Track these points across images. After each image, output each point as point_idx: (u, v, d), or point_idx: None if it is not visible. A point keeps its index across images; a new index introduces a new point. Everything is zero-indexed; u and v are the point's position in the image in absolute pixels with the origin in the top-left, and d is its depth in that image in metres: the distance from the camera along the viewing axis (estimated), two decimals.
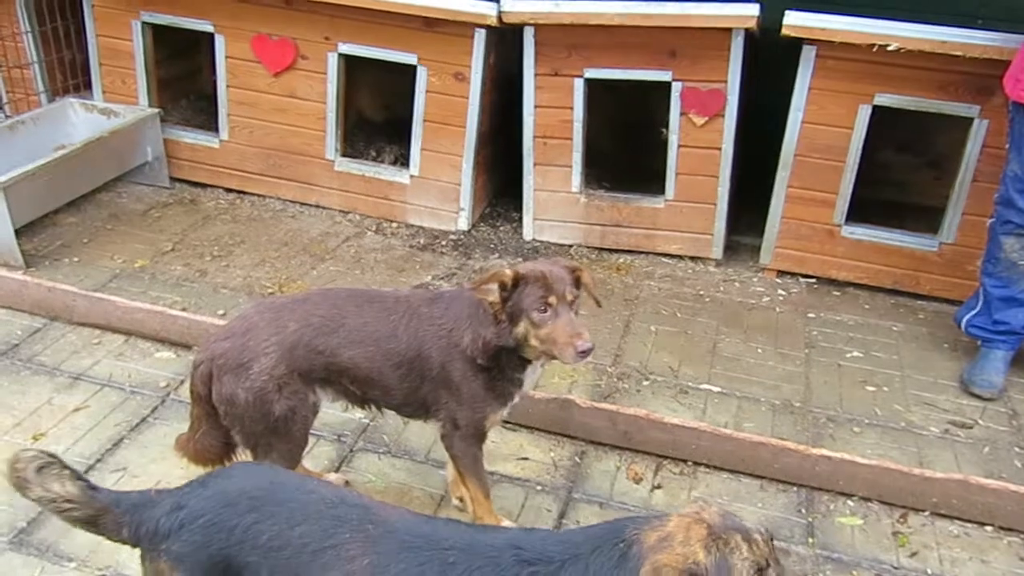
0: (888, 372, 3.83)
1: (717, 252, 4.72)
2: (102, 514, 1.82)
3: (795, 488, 3.10)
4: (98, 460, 3.05)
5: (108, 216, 4.86)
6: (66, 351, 3.66)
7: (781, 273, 4.64)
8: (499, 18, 4.32)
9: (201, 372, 2.47)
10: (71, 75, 5.41)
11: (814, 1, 4.25)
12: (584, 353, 2.30)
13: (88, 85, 5.32)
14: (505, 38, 4.58)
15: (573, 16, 4.25)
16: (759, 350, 3.97)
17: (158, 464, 3.03)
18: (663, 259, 4.77)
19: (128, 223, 4.81)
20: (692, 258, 4.76)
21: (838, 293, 4.52)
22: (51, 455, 1.83)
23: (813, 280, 4.60)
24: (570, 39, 4.39)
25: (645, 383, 3.67)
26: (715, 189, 4.57)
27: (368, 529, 1.70)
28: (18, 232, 4.22)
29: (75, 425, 3.22)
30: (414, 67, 4.65)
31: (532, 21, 4.35)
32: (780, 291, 4.52)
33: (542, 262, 2.44)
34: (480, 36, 4.45)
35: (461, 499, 2.87)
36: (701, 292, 4.46)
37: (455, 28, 4.44)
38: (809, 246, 4.53)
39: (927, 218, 4.57)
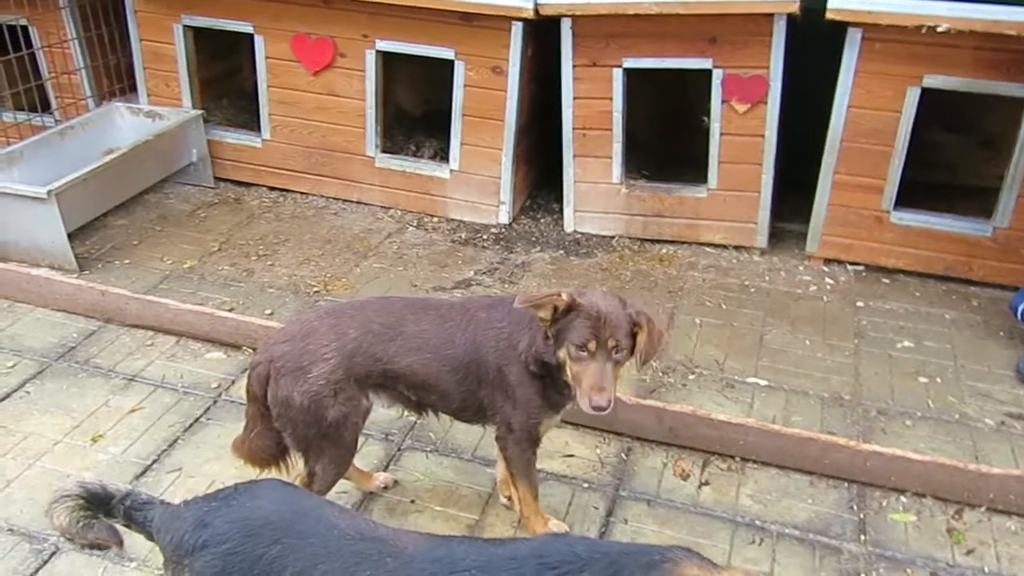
0: (941, 362, 3.75)
1: (762, 241, 4.65)
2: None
3: (846, 484, 3.06)
4: (155, 461, 3.13)
5: (156, 217, 4.96)
6: (120, 353, 3.75)
7: (828, 261, 4.56)
8: (536, 10, 4.29)
9: (258, 373, 2.51)
10: (117, 79, 5.51)
11: None
12: (597, 409, 2.27)
13: (133, 88, 5.42)
14: (542, 30, 4.54)
15: (610, 6, 4.21)
16: (807, 341, 3.91)
17: (212, 464, 3.10)
18: (707, 249, 4.72)
19: (176, 224, 4.91)
20: (736, 247, 4.70)
21: (887, 281, 4.43)
22: (79, 501, 1.90)
23: (861, 268, 4.52)
24: (608, 29, 4.35)
25: (691, 377, 3.65)
26: (758, 177, 4.50)
27: (387, 563, 1.71)
28: (70, 236, 4.33)
29: (132, 426, 3.31)
30: (452, 61, 4.65)
31: (569, 12, 4.31)
32: (827, 280, 4.45)
33: (609, 298, 2.36)
34: (517, 29, 4.43)
35: (509, 498, 2.89)
36: (746, 282, 4.41)
37: (492, 22, 4.43)
38: (857, 233, 4.45)
39: (980, 201, 4.45)
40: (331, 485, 2.59)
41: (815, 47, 4.20)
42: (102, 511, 1.93)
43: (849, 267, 4.54)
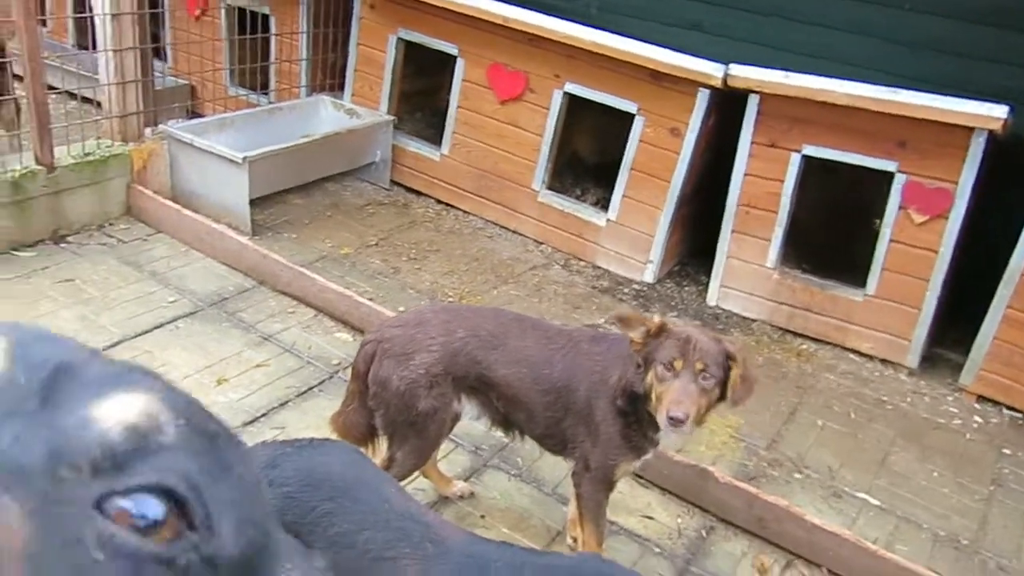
0: None
1: (912, 360, 4.37)
2: None
3: None
4: (263, 415, 3.36)
5: (330, 204, 5.34)
6: (264, 313, 4.06)
7: (982, 399, 4.21)
8: (725, 81, 4.31)
9: (366, 351, 2.65)
10: (329, 75, 6.01)
11: None
12: (673, 420, 2.20)
13: (341, 86, 5.89)
14: (727, 100, 4.55)
15: (801, 90, 4.15)
16: (935, 473, 3.62)
17: (311, 431, 3.23)
18: (850, 355, 4.48)
19: (345, 213, 5.26)
20: (883, 361, 4.43)
21: None
22: None
23: (1019, 415, 4.13)
24: (794, 112, 4.29)
25: (797, 476, 3.47)
26: (923, 293, 4.25)
27: (427, 547, 1.75)
28: (252, 202, 4.75)
29: (253, 379, 3.56)
30: (632, 115, 4.74)
31: (758, 89, 4.30)
32: (976, 417, 4.11)
33: (705, 330, 2.39)
34: (703, 96, 4.46)
35: (575, 539, 2.86)
36: (884, 398, 4.15)
37: (680, 84, 4.48)
38: (1021, 376, 4.08)
39: None
40: (407, 474, 2.68)
41: (1011, 167, 3.96)
42: None
43: (1005, 411, 4.16)
